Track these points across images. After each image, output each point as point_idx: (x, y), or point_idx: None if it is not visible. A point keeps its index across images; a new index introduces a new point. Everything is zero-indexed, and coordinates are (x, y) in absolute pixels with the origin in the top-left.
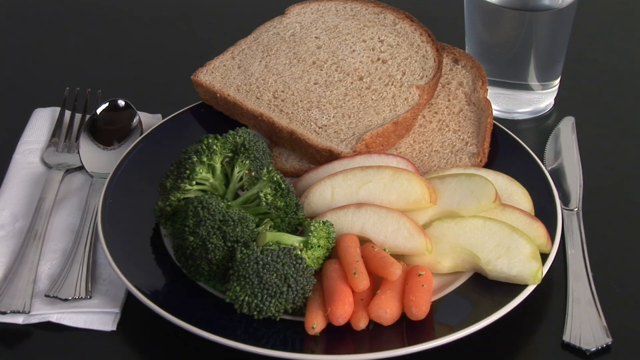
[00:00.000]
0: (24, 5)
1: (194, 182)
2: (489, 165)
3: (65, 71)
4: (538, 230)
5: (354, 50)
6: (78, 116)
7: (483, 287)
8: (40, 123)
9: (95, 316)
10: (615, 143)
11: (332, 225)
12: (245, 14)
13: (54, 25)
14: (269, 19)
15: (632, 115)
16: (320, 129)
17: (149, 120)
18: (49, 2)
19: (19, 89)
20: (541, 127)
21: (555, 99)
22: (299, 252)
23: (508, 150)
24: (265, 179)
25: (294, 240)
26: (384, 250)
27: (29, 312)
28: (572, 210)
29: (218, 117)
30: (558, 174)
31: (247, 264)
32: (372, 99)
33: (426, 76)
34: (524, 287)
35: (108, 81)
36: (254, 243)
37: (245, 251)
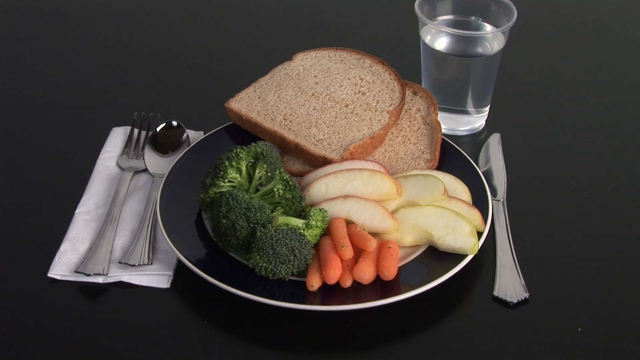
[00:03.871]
0: (105, 49)
1: (226, 180)
2: (439, 168)
3: (134, 100)
4: (475, 215)
5: (341, 85)
6: (143, 133)
7: (435, 256)
8: (116, 138)
9: (155, 277)
10: (531, 151)
11: (326, 211)
12: (263, 59)
13: (130, 66)
14: (281, 63)
15: (544, 133)
16: (318, 142)
17: (194, 136)
18: (126, 47)
19: (101, 113)
20: (476, 140)
21: (486, 120)
22: (302, 231)
23: (452, 157)
24: (277, 177)
25: (298, 222)
26: (364, 229)
27: (106, 274)
28: (499, 200)
29: (244, 133)
30: (488, 174)
31: (265, 240)
32: (355, 121)
33: (394, 104)
34: (465, 256)
35: (165, 107)
36: (270, 224)
37: (263, 230)
